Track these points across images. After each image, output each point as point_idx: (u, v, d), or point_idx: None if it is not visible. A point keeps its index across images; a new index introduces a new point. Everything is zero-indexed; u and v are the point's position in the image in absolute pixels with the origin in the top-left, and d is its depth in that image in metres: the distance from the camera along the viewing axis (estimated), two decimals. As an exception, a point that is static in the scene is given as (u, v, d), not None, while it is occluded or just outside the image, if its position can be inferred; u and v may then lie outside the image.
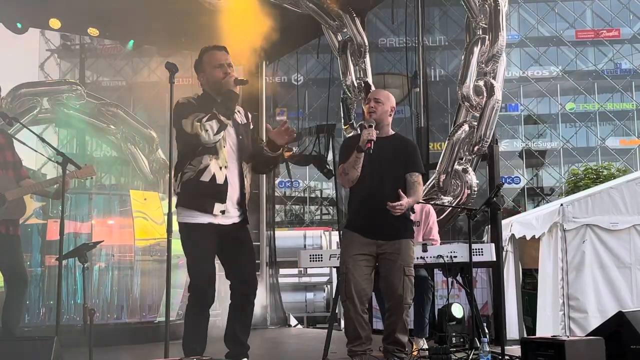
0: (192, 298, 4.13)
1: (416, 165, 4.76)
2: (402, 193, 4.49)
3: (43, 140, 4.99)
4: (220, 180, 4.13)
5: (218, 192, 4.13)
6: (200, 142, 4.04)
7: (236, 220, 4.23)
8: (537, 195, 34.95)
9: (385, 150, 4.62)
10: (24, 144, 5.08)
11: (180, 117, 4.09)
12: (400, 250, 4.61)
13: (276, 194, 10.53)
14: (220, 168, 4.14)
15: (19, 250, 5.02)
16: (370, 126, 4.54)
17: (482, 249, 5.48)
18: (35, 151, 5.05)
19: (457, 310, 5.83)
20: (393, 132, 4.84)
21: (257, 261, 8.92)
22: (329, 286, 15.39)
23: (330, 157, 9.75)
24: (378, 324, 6.66)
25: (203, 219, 4.10)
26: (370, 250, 4.59)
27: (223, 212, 4.14)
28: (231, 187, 4.18)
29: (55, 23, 8.91)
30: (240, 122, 4.32)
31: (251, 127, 4.44)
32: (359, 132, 4.79)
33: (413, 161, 4.74)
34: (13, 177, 4.99)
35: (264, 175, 9.43)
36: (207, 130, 4.00)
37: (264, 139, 4.46)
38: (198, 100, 4.21)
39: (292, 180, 29.01)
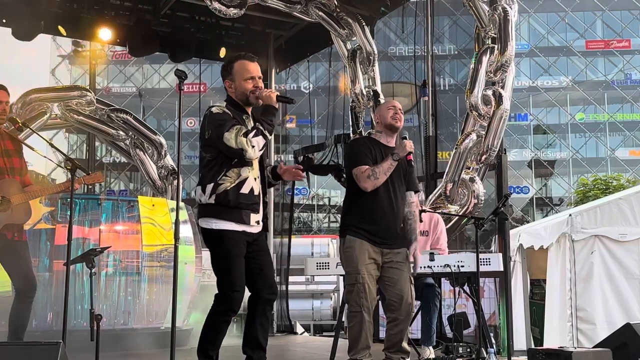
0: (220, 304, 4.06)
1: (416, 184, 4.90)
2: (415, 257, 4.68)
3: (52, 145, 5.02)
4: (256, 191, 4.11)
5: (255, 203, 4.10)
6: (239, 157, 3.98)
7: (260, 228, 4.22)
8: (545, 205, 34.84)
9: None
10: (33, 149, 5.10)
11: (220, 128, 3.97)
12: (405, 259, 4.64)
13: (284, 201, 10.54)
14: (255, 179, 4.11)
15: (26, 256, 5.01)
16: (405, 137, 4.63)
17: (489, 258, 5.48)
18: (45, 157, 5.07)
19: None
20: (395, 144, 4.86)
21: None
22: (336, 294, 15.35)
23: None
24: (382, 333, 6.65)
25: (236, 227, 4.05)
26: (378, 259, 4.57)
27: (258, 222, 4.13)
28: (262, 197, 4.19)
29: (62, 30, 8.99)
30: None
31: None
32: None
33: (414, 179, 4.85)
34: (20, 182, 5.00)
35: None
36: (253, 147, 3.94)
37: (272, 167, 4.43)
38: (229, 108, 4.14)
39: (308, 188, 29.05)
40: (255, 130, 3.98)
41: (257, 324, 4.15)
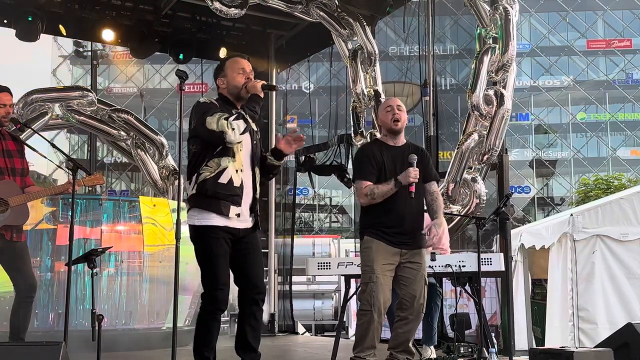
0: (205, 303, 4.08)
1: (434, 174, 4.83)
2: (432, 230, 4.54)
3: (54, 146, 5.01)
4: (237, 183, 4.11)
5: (235, 194, 4.10)
6: (221, 142, 4.03)
7: (249, 224, 4.21)
8: (547, 205, 34.83)
9: (406, 159, 4.59)
10: (35, 151, 5.10)
11: (203, 114, 4.04)
12: (422, 259, 4.62)
13: (285, 201, 10.54)
14: (237, 171, 4.12)
15: (25, 256, 5.01)
16: (412, 164, 4.52)
17: (490, 258, 5.47)
18: (46, 158, 5.06)
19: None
20: (405, 141, 4.83)
21: (265, 268, 8.99)
22: (337, 294, 15.35)
23: (350, 165, 9.77)
24: (386, 333, 6.64)
25: (218, 221, 4.06)
26: (395, 259, 4.55)
27: (238, 215, 4.12)
28: (246, 191, 4.17)
29: (62, 29, 8.98)
30: (254, 129, 4.33)
31: (258, 136, 4.45)
32: (368, 139, 4.77)
33: (431, 170, 4.79)
34: (20, 184, 5.00)
35: (274, 182, 9.46)
36: (234, 129, 3.99)
37: (272, 147, 4.45)
38: (218, 102, 4.21)
39: (310, 189, 29.03)
40: (236, 114, 4.05)
41: (246, 325, 4.15)
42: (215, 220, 4.06)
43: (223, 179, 4.07)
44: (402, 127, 4.72)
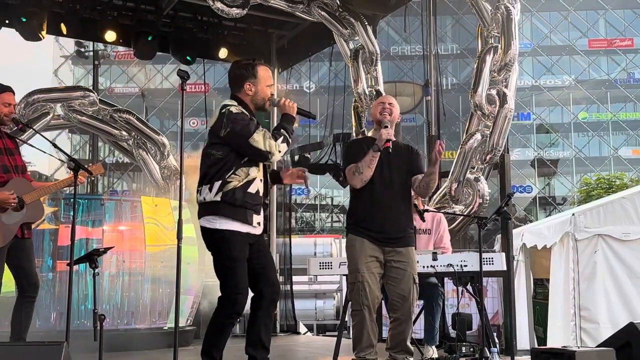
0: (224, 307, 4.06)
1: (423, 167, 4.83)
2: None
3: (55, 146, 5.01)
4: (261, 192, 4.14)
5: (259, 204, 4.13)
6: (261, 158, 4.05)
7: (262, 229, 4.24)
8: (549, 204, 34.81)
9: (392, 157, 4.63)
10: (38, 149, 5.11)
11: (247, 127, 4.00)
12: (409, 258, 4.60)
13: (286, 201, 10.54)
14: (261, 180, 4.15)
15: (31, 254, 5.03)
16: (387, 127, 4.57)
17: (492, 258, 5.46)
18: (50, 155, 5.08)
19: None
20: (395, 139, 4.83)
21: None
22: (338, 294, 15.36)
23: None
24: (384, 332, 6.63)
25: (242, 228, 4.06)
26: (379, 256, 4.57)
27: (259, 223, 4.15)
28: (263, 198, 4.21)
29: (63, 28, 8.97)
30: None
31: None
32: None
33: (421, 166, 4.79)
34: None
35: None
36: (280, 152, 4.05)
37: (272, 170, 4.44)
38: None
39: (308, 189, 29.01)
40: (282, 137, 4.07)
41: (261, 324, 4.17)
42: (237, 225, 4.05)
43: (252, 189, 4.08)
44: (392, 121, 4.70)
